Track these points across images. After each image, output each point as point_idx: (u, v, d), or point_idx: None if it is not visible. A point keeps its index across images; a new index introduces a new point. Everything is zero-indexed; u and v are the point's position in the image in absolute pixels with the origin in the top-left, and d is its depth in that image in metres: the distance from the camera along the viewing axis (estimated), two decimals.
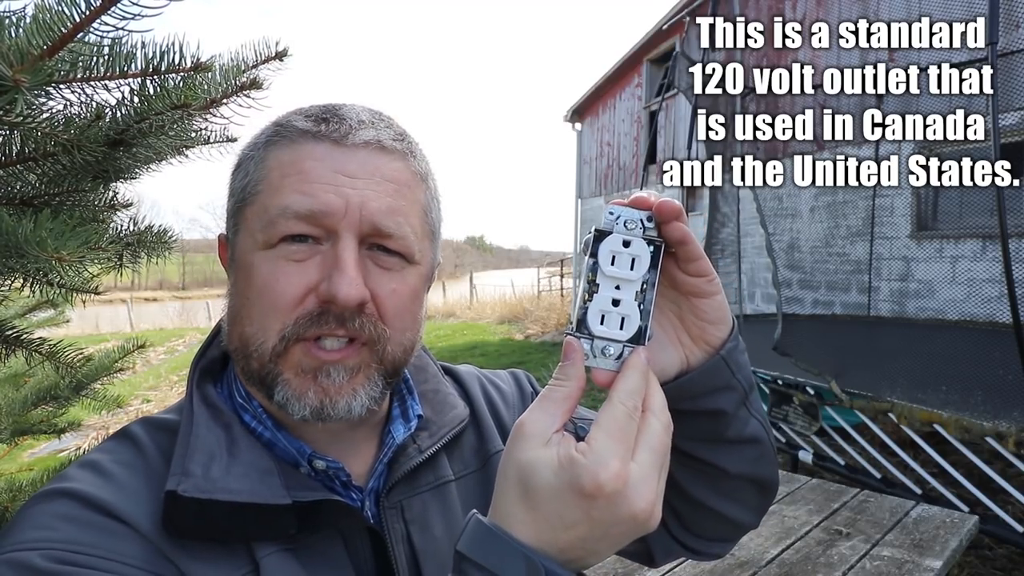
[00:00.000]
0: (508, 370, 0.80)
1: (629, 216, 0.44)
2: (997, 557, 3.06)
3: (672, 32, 9.24)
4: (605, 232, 0.44)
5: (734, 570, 1.83)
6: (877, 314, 5.63)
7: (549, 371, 7.69)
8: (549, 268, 20.08)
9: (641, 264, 0.44)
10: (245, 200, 0.54)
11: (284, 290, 0.50)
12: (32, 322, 1.78)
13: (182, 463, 0.49)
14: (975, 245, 5.05)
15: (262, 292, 0.51)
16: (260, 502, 0.49)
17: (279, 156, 0.53)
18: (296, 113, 0.55)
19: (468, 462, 0.67)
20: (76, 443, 4.82)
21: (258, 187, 0.53)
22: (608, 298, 0.44)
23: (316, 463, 0.55)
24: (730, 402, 0.54)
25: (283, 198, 0.51)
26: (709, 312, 0.51)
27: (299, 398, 0.51)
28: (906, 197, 5.47)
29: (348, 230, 0.51)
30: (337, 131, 0.52)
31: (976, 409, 2.92)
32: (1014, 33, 4.43)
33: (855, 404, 3.30)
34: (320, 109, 0.55)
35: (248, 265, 0.52)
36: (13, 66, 0.49)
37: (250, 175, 0.54)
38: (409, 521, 0.59)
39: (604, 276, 0.44)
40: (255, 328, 0.52)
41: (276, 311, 0.51)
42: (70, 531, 0.45)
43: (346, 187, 0.51)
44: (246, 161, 0.56)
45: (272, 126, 0.56)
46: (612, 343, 0.44)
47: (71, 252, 0.56)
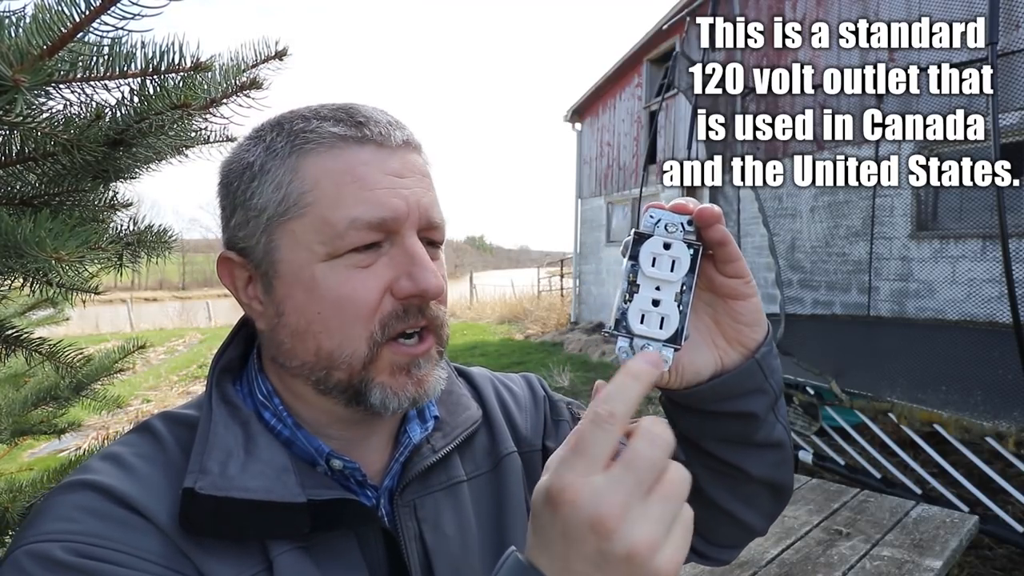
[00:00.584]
0: (521, 374, 0.81)
1: (670, 220, 0.46)
2: (997, 557, 3.06)
3: (672, 32, 9.24)
4: (645, 235, 0.45)
5: (734, 570, 1.83)
6: (877, 314, 5.63)
7: (549, 371, 7.69)
8: (549, 268, 20.08)
9: (681, 266, 0.45)
10: (288, 214, 0.52)
11: (363, 298, 0.51)
12: (32, 321, 1.78)
13: (200, 460, 0.50)
14: (975, 245, 5.05)
15: (339, 305, 0.51)
16: (276, 500, 0.50)
17: (324, 165, 0.51)
18: (315, 117, 0.53)
19: (480, 463, 0.67)
20: (76, 443, 4.82)
21: (306, 198, 0.51)
22: (648, 298, 0.45)
23: (333, 462, 0.56)
24: (761, 405, 0.55)
25: (349, 209, 0.50)
26: (745, 314, 0.52)
27: (397, 395, 0.53)
28: (906, 197, 5.47)
29: (410, 228, 0.53)
30: (378, 134, 0.53)
31: (976, 409, 2.92)
32: (1014, 33, 4.43)
33: (855, 404, 3.30)
34: (345, 113, 0.54)
35: (310, 279, 0.51)
36: (13, 66, 0.49)
37: (287, 187, 0.52)
38: (422, 520, 0.59)
39: (645, 277, 0.45)
40: (337, 341, 0.52)
41: (360, 320, 0.51)
42: (91, 524, 0.46)
43: (402, 188, 0.52)
44: (264, 171, 0.53)
45: (291, 132, 0.53)
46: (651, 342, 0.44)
47: (70, 252, 0.56)
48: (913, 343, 4.50)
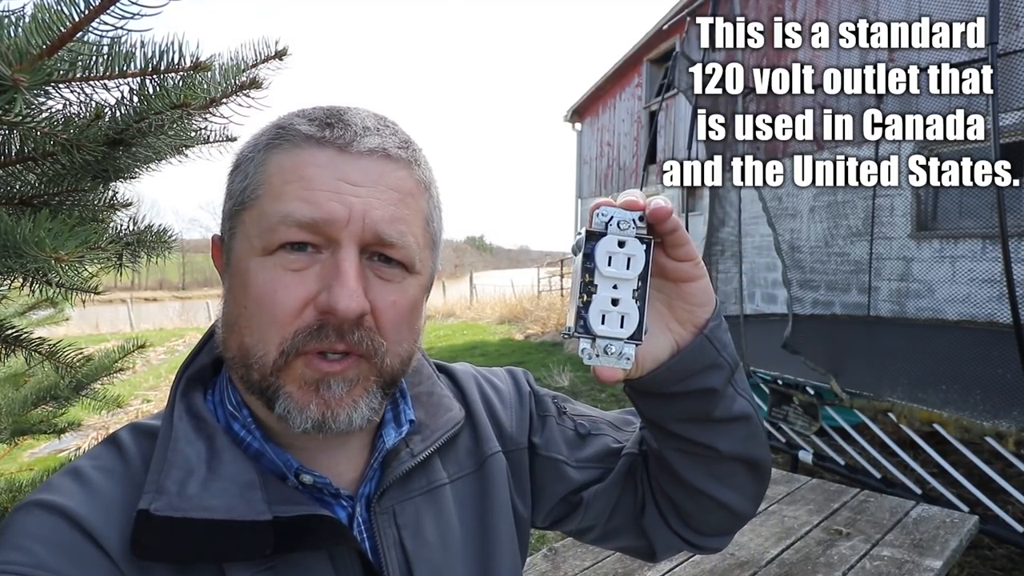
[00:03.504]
0: (506, 368, 0.79)
1: (622, 217, 0.45)
2: (997, 557, 3.06)
3: (672, 32, 9.24)
4: (597, 233, 0.45)
5: (734, 570, 1.83)
6: (877, 314, 5.63)
7: (549, 371, 7.69)
8: (549, 268, 20.06)
9: (637, 263, 0.45)
10: (244, 204, 0.52)
11: (283, 301, 0.49)
12: (31, 320, 1.78)
13: (157, 479, 0.48)
14: (975, 245, 5.05)
15: (260, 302, 0.49)
16: (237, 519, 0.48)
17: (280, 160, 0.51)
18: (299, 116, 0.53)
19: (463, 464, 0.66)
20: (76, 443, 4.82)
21: (257, 191, 0.51)
22: (607, 298, 0.45)
23: (303, 477, 0.54)
24: (718, 380, 0.56)
25: (284, 204, 0.49)
26: (696, 295, 0.53)
27: (301, 411, 0.50)
28: (906, 197, 5.47)
29: (350, 239, 0.49)
30: (342, 137, 0.51)
31: (976, 409, 2.92)
32: (1014, 33, 4.42)
33: (855, 404, 3.30)
34: (324, 113, 0.53)
35: (244, 272, 0.50)
36: (12, 65, 0.48)
37: (249, 178, 0.52)
38: (401, 526, 0.58)
39: (602, 276, 0.45)
40: (255, 339, 0.50)
41: (275, 323, 0.49)
42: (38, 554, 0.45)
43: (349, 195, 0.49)
44: (245, 163, 0.53)
45: (273, 128, 0.53)
46: (614, 341, 0.45)
47: (70, 252, 0.56)
48: (913, 343, 4.50)
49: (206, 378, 0.58)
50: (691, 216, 6.38)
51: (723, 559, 1.89)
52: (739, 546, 1.97)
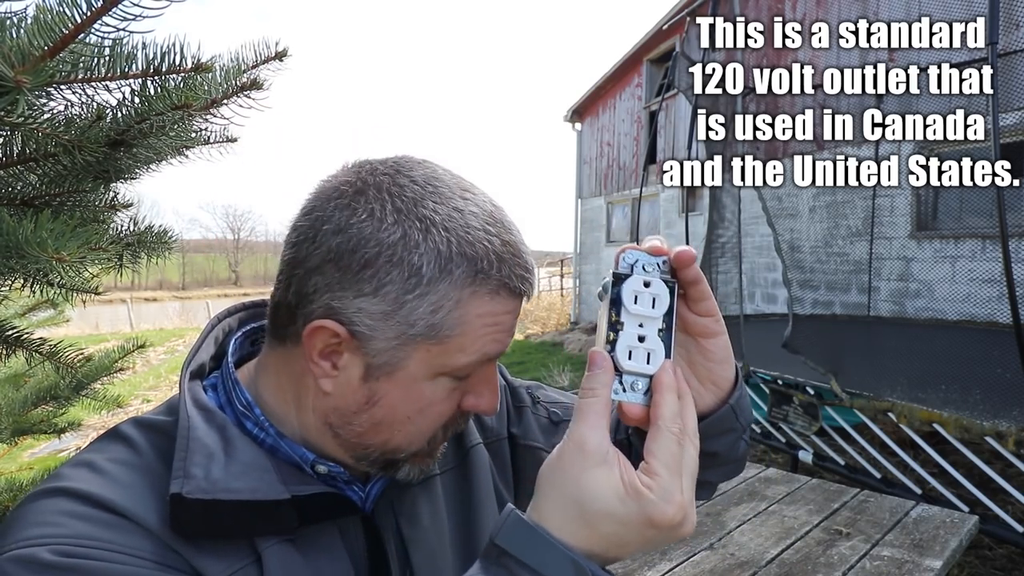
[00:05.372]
0: None
1: (647, 260, 0.48)
2: (997, 557, 3.06)
3: (672, 32, 9.24)
4: (623, 275, 0.48)
5: (734, 570, 1.83)
6: (877, 314, 5.63)
7: (549, 371, 7.69)
8: (549, 268, 20.07)
9: (662, 302, 0.47)
10: (433, 339, 0.52)
11: (446, 413, 0.56)
12: (32, 322, 1.78)
13: (183, 465, 0.49)
14: (975, 245, 5.05)
15: (426, 415, 0.55)
16: (260, 499, 0.50)
17: (483, 308, 0.52)
18: (490, 253, 0.51)
19: (448, 458, 0.69)
20: (76, 443, 4.82)
21: (455, 330, 0.52)
22: (634, 335, 0.47)
23: (318, 467, 0.57)
24: (728, 442, 0.61)
25: (483, 347, 0.54)
26: (716, 352, 0.55)
27: (421, 471, 0.59)
28: (906, 197, 5.47)
29: None
30: (528, 289, 0.56)
31: (976, 409, 2.92)
32: (1014, 33, 4.43)
33: (855, 404, 3.30)
34: (509, 251, 0.53)
35: (416, 390, 0.54)
36: (15, 67, 0.49)
37: (445, 314, 0.51)
38: (399, 513, 0.62)
39: (628, 314, 0.47)
40: (407, 440, 0.56)
41: (432, 427, 0.56)
42: (76, 526, 0.45)
43: (512, 328, 0.57)
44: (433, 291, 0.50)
45: (469, 265, 0.51)
46: (640, 377, 0.47)
47: (71, 252, 0.56)
48: (913, 343, 4.50)
49: (203, 374, 0.60)
50: (691, 216, 6.38)
51: (723, 559, 1.89)
52: (739, 546, 1.97)
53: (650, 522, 0.41)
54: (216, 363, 0.61)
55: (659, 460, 0.42)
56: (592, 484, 0.42)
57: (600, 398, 0.44)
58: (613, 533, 0.41)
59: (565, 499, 0.42)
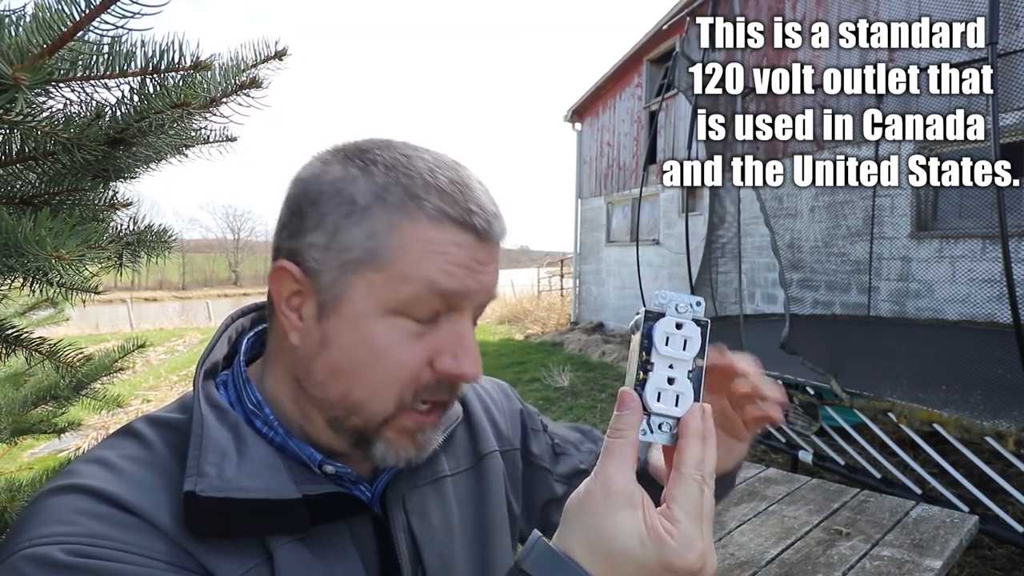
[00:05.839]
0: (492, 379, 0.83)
1: (680, 300, 0.48)
2: (997, 557, 3.06)
3: (672, 32, 9.24)
4: (655, 313, 0.48)
5: (734, 570, 1.83)
6: (877, 314, 5.63)
7: (549, 371, 7.69)
8: (549, 268, 20.07)
9: (693, 345, 0.47)
10: (372, 264, 0.52)
11: (408, 363, 0.53)
12: (31, 320, 1.78)
13: (197, 464, 0.50)
14: (975, 245, 5.05)
15: (383, 361, 0.52)
16: (272, 498, 0.51)
17: (421, 232, 0.51)
18: (432, 186, 0.52)
19: (460, 460, 0.70)
20: (76, 443, 4.83)
21: (394, 255, 0.51)
22: (664, 376, 0.47)
23: (326, 468, 0.57)
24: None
25: (428, 273, 0.51)
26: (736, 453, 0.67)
27: (397, 453, 0.55)
28: (906, 197, 5.47)
29: (471, 309, 0.55)
30: (479, 225, 0.53)
31: (976, 409, 2.92)
32: (1014, 33, 4.43)
33: (855, 404, 3.30)
34: (459, 191, 0.53)
35: (367, 329, 0.52)
36: (13, 64, 0.49)
37: (379, 238, 0.51)
38: (410, 512, 0.62)
39: (659, 355, 0.47)
40: (368, 393, 0.53)
41: (397, 383, 0.53)
42: (89, 525, 0.45)
43: (480, 274, 0.54)
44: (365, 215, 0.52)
45: (407, 192, 0.52)
46: (668, 419, 0.47)
47: (71, 251, 0.56)
48: (913, 343, 4.50)
49: (217, 372, 0.60)
50: (691, 216, 6.38)
51: (723, 559, 1.89)
52: (739, 546, 1.97)
53: (670, 567, 0.41)
54: (228, 363, 0.62)
55: (680, 507, 0.43)
56: (616, 525, 0.42)
57: (628, 440, 0.45)
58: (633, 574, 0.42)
59: (589, 535, 0.43)
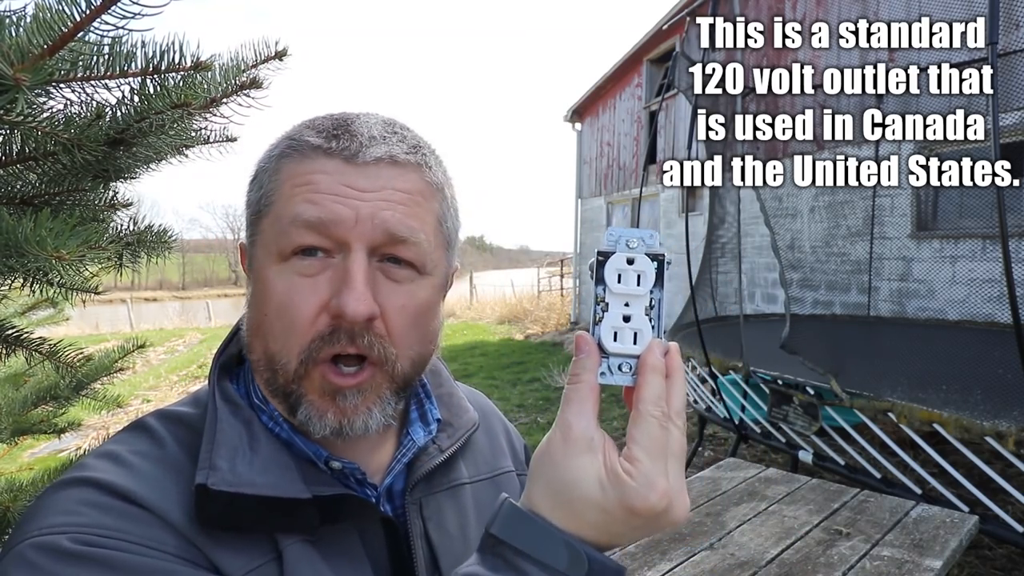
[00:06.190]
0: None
1: (630, 235, 0.45)
2: (997, 557, 3.06)
3: (672, 32, 9.24)
4: (607, 252, 0.45)
5: (734, 570, 1.83)
6: (877, 314, 5.64)
7: (549, 371, 7.69)
8: (549, 268, 20.06)
9: (647, 279, 0.45)
10: (260, 212, 0.54)
11: (299, 308, 0.51)
12: (32, 321, 1.78)
13: (209, 457, 0.50)
14: (975, 245, 5.05)
15: (280, 310, 0.51)
16: (283, 496, 0.50)
17: (291, 169, 0.53)
18: (308, 127, 0.55)
19: (480, 468, 0.69)
20: (76, 443, 4.82)
21: (271, 198, 0.53)
22: (619, 315, 0.45)
23: (332, 464, 0.56)
24: None
25: (293, 207, 0.51)
26: None
27: (320, 418, 0.52)
28: (906, 197, 5.47)
29: (359, 242, 0.51)
30: (348, 148, 0.52)
31: (976, 409, 2.92)
32: (1014, 33, 4.43)
33: (855, 404, 3.30)
34: (332, 123, 0.54)
35: (265, 279, 0.52)
36: (14, 65, 0.49)
37: (264, 187, 0.54)
38: (427, 518, 0.61)
39: (612, 294, 0.45)
40: (278, 347, 0.52)
41: (294, 332, 0.51)
42: (97, 516, 0.45)
43: (355, 199, 0.51)
44: (261, 174, 0.55)
45: (284, 139, 0.55)
46: (627, 359, 0.44)
47: (71, 251, 0.56)
48: (913, 343, 4.50)
49: (231, 368, 0.60)
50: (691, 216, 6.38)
51: (723, 559, 1.89)
52: (739, 546, 1.97)
53: (632, 510, 0.40)
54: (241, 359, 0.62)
55: (640, 446, 0.41)
56: (576, 471, 0.41)
57: (585, 383, 0.43)
58: (599, 521, 0.41)
59: (553, 486, 0.42)
